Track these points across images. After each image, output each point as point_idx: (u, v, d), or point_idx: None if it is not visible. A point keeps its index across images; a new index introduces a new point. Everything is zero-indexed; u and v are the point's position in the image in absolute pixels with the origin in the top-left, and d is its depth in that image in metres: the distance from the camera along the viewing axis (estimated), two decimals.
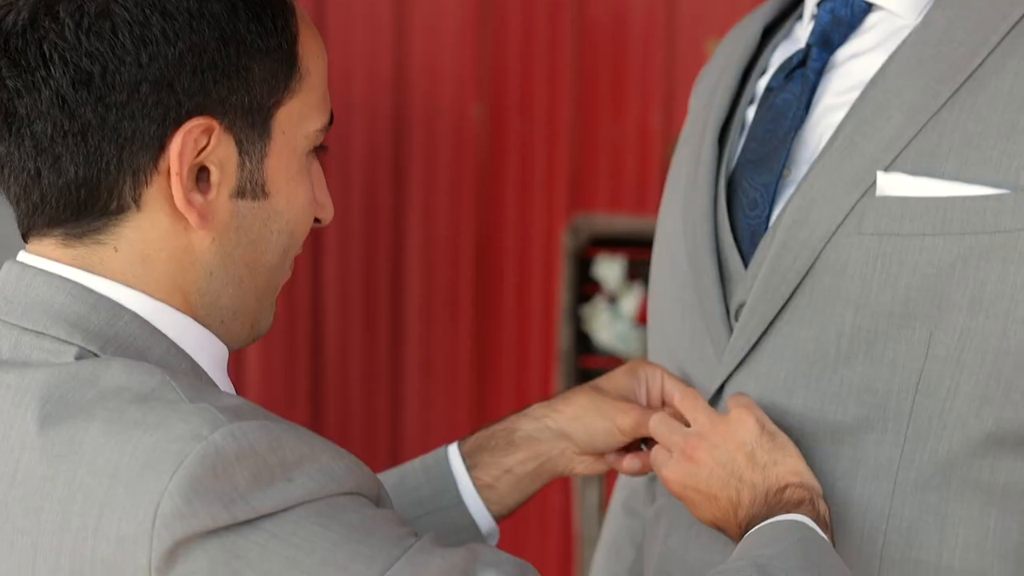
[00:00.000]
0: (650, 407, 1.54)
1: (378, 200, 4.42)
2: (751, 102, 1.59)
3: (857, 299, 1.42)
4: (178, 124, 1.20)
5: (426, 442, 4.45)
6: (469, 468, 1.53)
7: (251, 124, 1.24)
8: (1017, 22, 1.42)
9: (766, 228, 1.49)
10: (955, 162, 1.40)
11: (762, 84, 1.59)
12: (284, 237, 1.28)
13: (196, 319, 1.26)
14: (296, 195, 1.28)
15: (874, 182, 1.42)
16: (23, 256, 1.26)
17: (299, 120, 1.27)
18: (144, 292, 1.23)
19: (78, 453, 1.13)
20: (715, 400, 1.50)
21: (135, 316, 1.22)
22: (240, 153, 1.24)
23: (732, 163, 1.55)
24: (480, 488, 1.53)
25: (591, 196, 4.17)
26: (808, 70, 1.52)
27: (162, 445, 1.11)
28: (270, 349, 4.63)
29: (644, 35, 4.05)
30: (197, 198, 1.22)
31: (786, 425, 1.45)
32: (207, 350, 1.27)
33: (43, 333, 1.21)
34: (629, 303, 3.84)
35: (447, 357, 4.40)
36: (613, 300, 3.86)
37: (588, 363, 3.92)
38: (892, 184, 1.42)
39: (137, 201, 1.22)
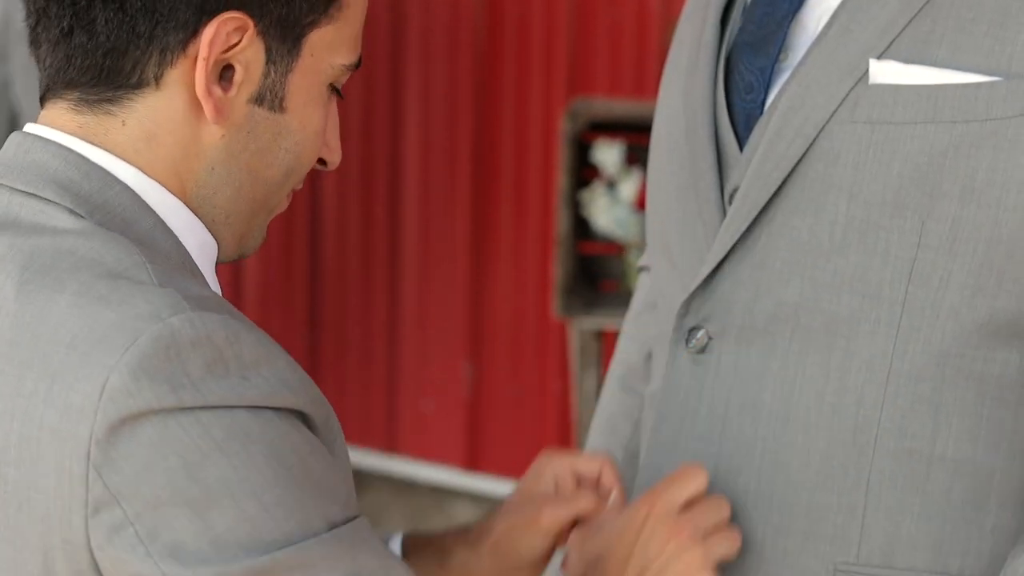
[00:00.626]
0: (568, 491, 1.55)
1: (375, 83, 4.39)
2: None
3: (850, 188, 1.41)
4: (215, 13, 1.21)
5: (423, 335, 4.46)
6: (406, 555, 1.53)
7: (283, 36, 1.24)
8: None
9: (761, 112, 1.48)
10: (948, 49, 1.39)
11: None
12: (290, 157, 1.29)
13: (188, 208, 1.27)
14: (311, 119, 1.28)
15: (867, 70, 1.41)
16: (29, 127, 1.28)
17: (330, 48, 1.27)
18: (142, 170, 1.24)
19: (43, 322, 1.15)
20: (700, 290, 1.49)
21: (126, 188, 1.23)
22: (267, 61, 1.25)
23: (729, 44, 1.53)
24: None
25: (590, 80, 4.15)
26: None
27: (120, 322, 1.13)
28: (268, 242, 4.64)
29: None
30: (217, 91, 1.23)
31: (781, 316, 1.44)
32: (197, 237, 1.28)
33: (33, 194, 1.22)
34: (628, 188, 3.83)
35: (445, 242, 4.40)
36: (612, 185, 3.85)
37: (586, 248, 3.92)
38: (885, 72, 1.40)
39: (158, 79, 1.24)
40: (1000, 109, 1.36)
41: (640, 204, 3.78)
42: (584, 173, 3.88)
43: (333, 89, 1.31)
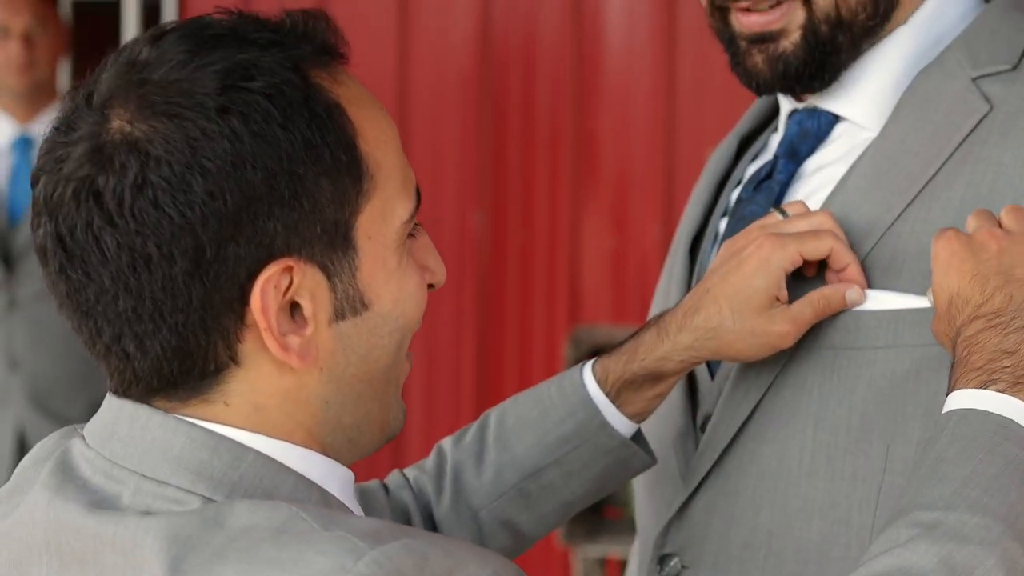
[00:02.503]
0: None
1: None
2: (724, 214, 1.59)
3: (816, 413, 1.41)
4: (253, 276, 1.12)
5: None
6: (617, 404, 1.46)
7: (331, 245, 1.14)
8: (970, 132, 1.41)
9: None
10: (908, 274, 1.40)
11: (735, 196, 1.59)
12: (396, 335, 1.20)
13: (321, 449, 1.19)
14: (401, 290, 1.19)
15: None
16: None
17: (383, 218, 1.17)
18: (264, 435, 1.16)
19: None
20: (676, 519, 1.48)
21: (259, 455, 1.14)
22: (328, 278, 1.15)
23: (701, 274, 1.55)
24: (631, 415, 1.48)
25: (592, 307, 4.17)
26: (773, 182, 1.52)
27: None
28: None
29: (644, 145, 4.06)
30: (294, 341, 1.14)
31: (755, 543, 1.43)
32: (336, 476, 1.20)
33: (165, 482, 1.13)
34: None
35: None
36: None
37: None
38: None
39: (235, 358, 1.14)
40: None
41: None
42: None
43: (409, 235, 1.21)
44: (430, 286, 1.24)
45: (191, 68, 1.11)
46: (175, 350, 1.13)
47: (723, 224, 1.58)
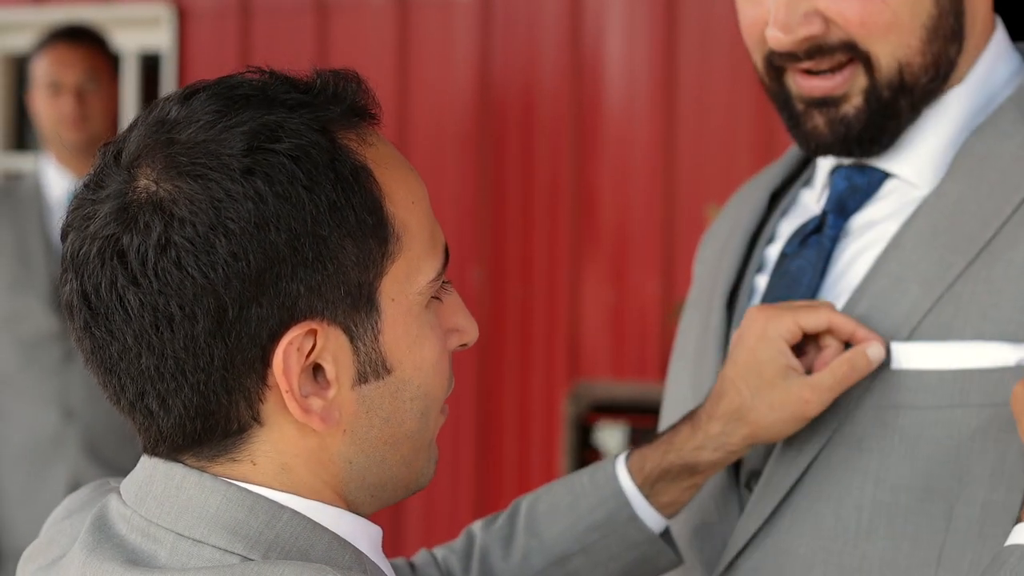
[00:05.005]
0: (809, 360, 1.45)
1: None
2: (759, 269, 1.58)
3: (876, 472, 1.40)
4: (276, 337, 1.11)
5: None
6: (648, 496, 1.47)
7: (355, 307, 1.13)
8: None
9: None
10: (971, 334, 1.38)
11: (771, 251, 1.58)
12: (419, 401, 1.18)
13: (346, 506, 1.19)
14: (424, 357, 1.17)
15: (891, 356, 1.41)
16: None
17: (407, 280, 1.16)
18: (295, 494, 1.15)
19: None
20: (727, 574, 1.46)
21: (295, 514, 1.14)
22: (352, 340, 1.14)
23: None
24: (663, 506, 1.48)
25: (591, 362, 4.15)
26: (824, 237, 1.50)
27: None
28: None
29: (643, 201, 4.05)
30: (316, 403, 1.14)
31: None
32: (366, 534, 1.19)
33: (202, 542, 1.13)
34: None
35: (447, 524, 4.35)
36: None
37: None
38: (909, 356, 1.41)
39: (257, 418, 1.14)
40: None
41: None
42: (586, 455, 3.86)
43: (435, 297, 1.20)
44: (463, 345, 1.23)
45: (218, 129, 1.11)
46: (197, 409, 1.13)
47: (761, 280, 1.56)
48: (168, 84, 4.58)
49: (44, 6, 4.76)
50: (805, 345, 1.45)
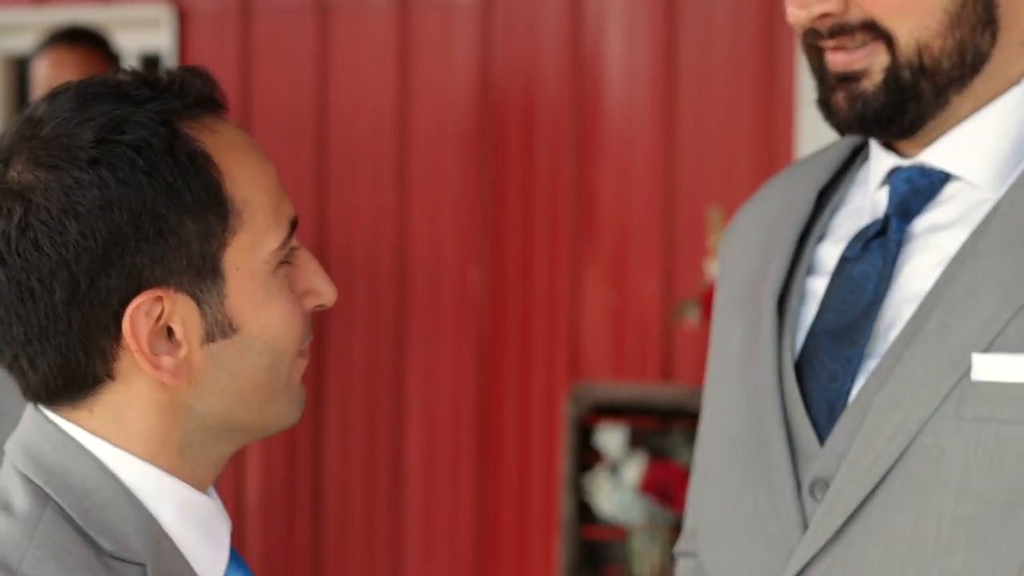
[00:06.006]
0: None
1: (379, 364, 4.40)
2: (810, 270, 1.56)
3: (957, 485, 1.38)
4: (125, 304, 1.28)
5: None
6: None
7: (200, 275, 1.30)
8: None
9: (846, 402, 1.46)
10: None
11: (823, 251, 1.57)
12: (267, 356, 1.33)
13: (192, 465, 1.33)
14: (269, 317, 1.33)
15: (970, 365, 1.40)
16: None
17: (251, 250, 1.32)
18: (110, 441, 1.31)
19: None
20: None
21: (93, 458, 1.30)
22: (199, 304, 1.30)
23: (799, 333, 1.51)
24: None
25: (592, 363, 4.15)
26: (889, 241, 1.49)
27: None
28: (269, 508, 4.59)
29: (644, 201, 4.05)
30: (167, 361, 1.30)
31: None
32: (174, 496, 1.32)
33: (23, 473, 1.30)
34: (631, 472, 3.80)
35: (448, 525, 4.35)
36: (615, 469, 3.83)
37: (590, 533, 3.88)
38: (989, 367, 1.39)
39: (111, 374, 1.31)
40: None
41: (644, 488, 3.74)
42: (587, 457, 3.86)
43: (284, 262, 1.35)
44: (320, 306, 1.38)
45: (73, 124, 1.29)
46: (60, 368, 1.30)
47: (815, 283, 1.55)
48: None
49: (45, 7, 4.77)
50: None
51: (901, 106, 1.46)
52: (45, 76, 3.79)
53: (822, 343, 1.49)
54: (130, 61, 4.72)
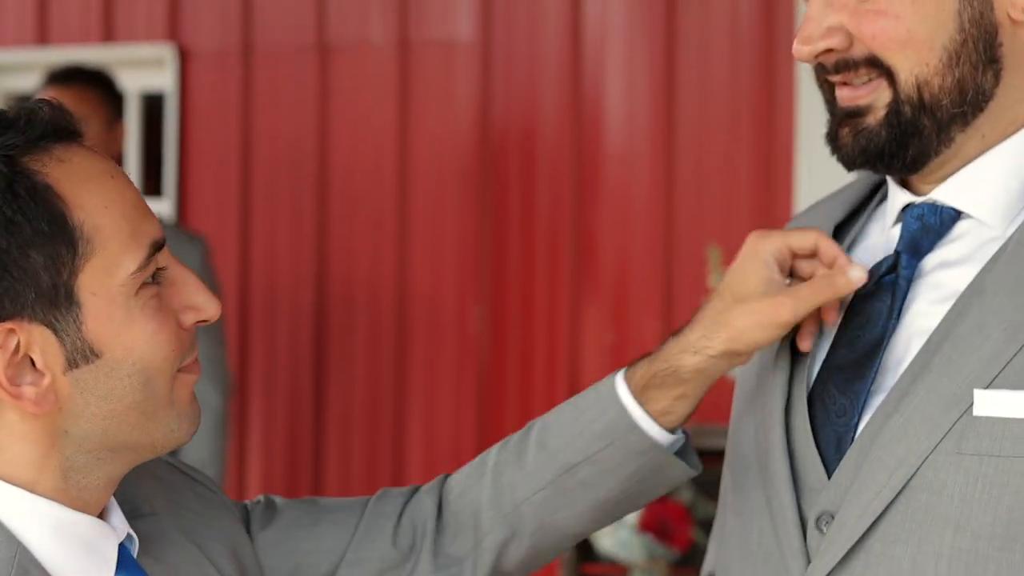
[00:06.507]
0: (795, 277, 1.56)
1: (380, 402, 4.40)
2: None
3: (956, 519, 1.39)
4: None
5: None
6: (642, 403, 1.57)
7: (53, 304, 1.31)
8: None
9: (853, 435, 1.47)
10: None
11: None
12: (136, 376, 1.34)
13: (78, 489, 1.35)
14: (133, 339, 1.34)
15: (973, 401, 1.41)
16: None
17: (106, 275, 1.32)
18: (1, 477, 1.33)
19: None
20: None
21: None
22: (55, 333, 1.31)
23: (814, 367, 1.53)
24: (655, 415, 1.57)
25: None
26: (899, 278, 1.51)
27: None
28: None
29: (643, 241, 4.06)
30: (29, 390, 1.31)
31: None
32: (48, 518, 1.33)
33: None
34: None
35: None
36: None
37: (590, 570, 3.87)
38: (991, 404, 1.40)
39: None
40: None
41: (643, 526, 3.74)
42: None
43: (152, 279, 1.35)
44: (203, 321, 1.39)
45: None
46: None
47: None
48: (171, 124, 4.60)
49: (47, 47, 4.79)
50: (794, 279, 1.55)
51: (903, 142, 1.48)
52: None
53: (834, 378, 1.50)
54: (132, 101, 4.74)
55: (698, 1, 4.01)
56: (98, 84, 3.84)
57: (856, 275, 1.49)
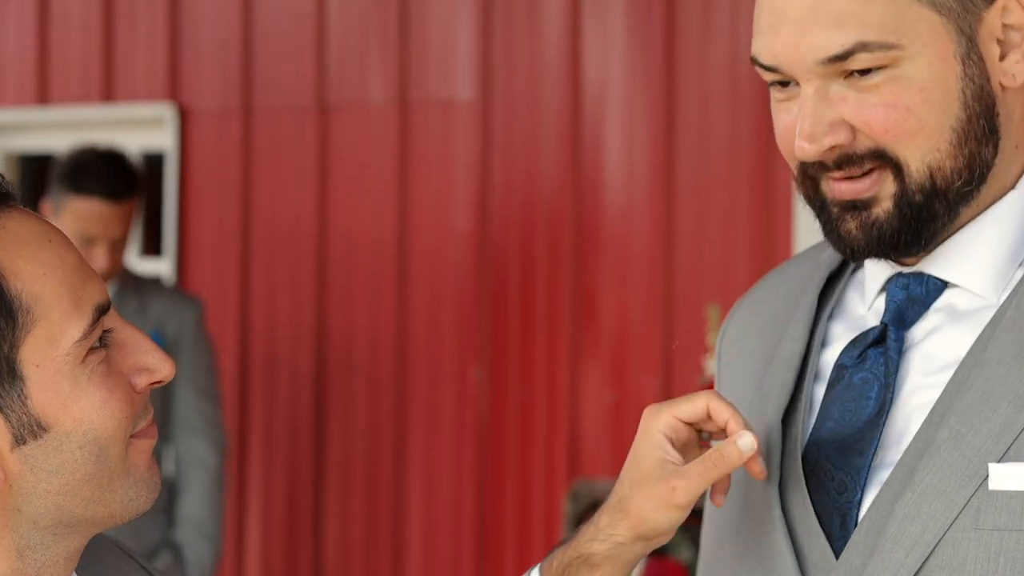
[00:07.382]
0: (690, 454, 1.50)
1: (379, 462, 4.39)
2: (816, 377, 1.54)
3: None
4: None
5: None
6: None
7: None
8: None
9: (858, 512, 1.44)
10: None
11: (827, 356, 1.55)
12: (88, 447, 1.28)
13: (37, 567, 1.29)
14: (81, 410, 1.28)
15: (987, 475, 1.38)
16: None
17: (49, 345, 1.27)
18: None
19: None
20: None
21: None
22: (0, 409, 1.26)
23: (802, 442, 1.50)
24: None
25: (592, 461, 4.14)
26: (889, 350, 1.48)
27: None
28: None
29: (642, 301, 4.07)
30: None
31: None
32: None
33: None
34: None
35: None
36: None
37: None
38: (1006, 477, 1.38)
39: None
40: None
41: None
42: None
43: (99, 343, 1.29)
44: (157, 382, 1.32)
45: None
46: None
47: (819, 391, 1.53)
48: (171, 183, 4.61)
49: (48, 107, 4.81)
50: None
51: (917, 229, 1.44)
52: (78, 228, 3.52)
53: (827, 453, 1.47)
54: (132, 160, 4.76)
55: (697, 60, 4.02)
56: (138, 185, 3.71)
57: (745, 444, 1.42)
